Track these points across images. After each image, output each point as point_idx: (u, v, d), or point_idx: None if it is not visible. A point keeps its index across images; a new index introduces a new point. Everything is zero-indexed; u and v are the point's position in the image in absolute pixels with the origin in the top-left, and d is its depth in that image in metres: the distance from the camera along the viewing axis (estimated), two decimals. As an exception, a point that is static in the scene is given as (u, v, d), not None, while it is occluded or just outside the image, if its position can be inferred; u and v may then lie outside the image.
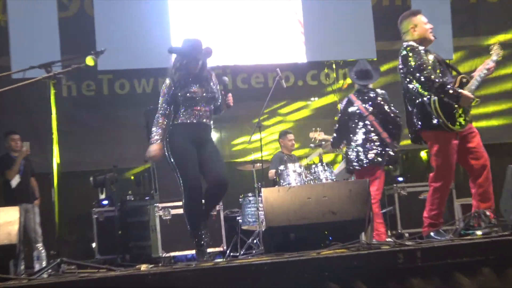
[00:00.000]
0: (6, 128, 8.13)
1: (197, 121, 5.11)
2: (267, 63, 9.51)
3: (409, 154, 10.40)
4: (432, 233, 4.98)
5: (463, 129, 4.98)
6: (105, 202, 8.39)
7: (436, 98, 4.92)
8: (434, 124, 4.94)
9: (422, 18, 5.22)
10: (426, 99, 4.97)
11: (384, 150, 6.10)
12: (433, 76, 4.91)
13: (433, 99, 4.93)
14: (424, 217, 5.09)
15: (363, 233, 4.96)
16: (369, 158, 6.06)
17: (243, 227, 7.53)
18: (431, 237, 4.94)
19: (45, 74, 4.40)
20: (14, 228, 4.89)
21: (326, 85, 10.09)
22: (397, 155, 6.30)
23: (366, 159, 6.07)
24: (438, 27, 5.29)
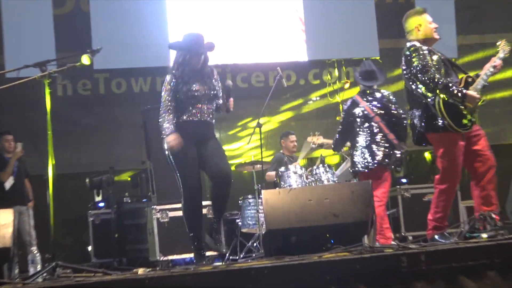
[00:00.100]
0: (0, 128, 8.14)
1: (199, 119, 5.09)
2: (268, 62, 9.51)
3: (413, 155, 10.39)
4: (437, 236, 4.99)
5: (469, 130, 4.98)
6: (101, 204, 8.38)
7: (441, 99, 4.92)
8: (439, 126, 4.95)
9: (427, 17, 5.22)
10: (431, 100, 4.97)
11: (392, 152, 6.09)
12: (437, 77, 4.91)
13: (438, 100, 4.93)
14: (429, 220, 5.10)
15: (366, 236, 4.97)
16: (377, 160, 6.03)
17: (243, 230, 7.52)
18: (436, 240, 4.95)
19: (40, 73, 4.42)
20: (8, 231, 4.90)
21: (329, 84, 10.06)
22: (403, 157, 6.29)
23: (374, 161, 6.04)
24: (442, 25, 5.30)
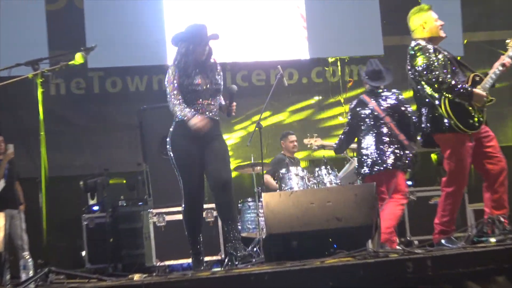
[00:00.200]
0: (-11, 130, 8.13)
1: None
2: (269, 60, 9.49)
3: (419, 156, 10.37)
4: (443, 241, 4.99)
5: (477, 131, 4.97)
6: (96, 208, 8.37)
7: (447, 99, 4.92)
8: (446, 127, 4.94)
9: (433, 15, 5.20)
10: (437, 101, 4.97)
11: (403, 153, 6.05)
12: (442, 76, 4.90)
13: (444, 100, 4.93)
14: (435, 224, 5.09)
15: (370, 241, 4.96)
16: (388, 162, 5.97)
17: (242, 234, 7.51)
18: (442, 245, 4.95)
19: (32, 72, 4.41)
20: (-1, 236, 4.91)
21: (332, 83, 10.05)
22: (416, 158, 6.24)
23: (385, 163, 5.97)
24: (447, 22, 5.28)
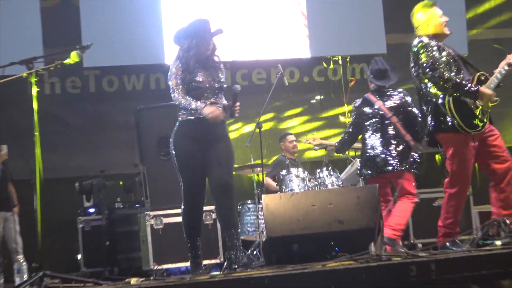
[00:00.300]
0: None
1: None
2: (269, 58, 9.49)
3: (423, 157, 10.37)
4: (448, 244, 5.00)
5: (481, 132, 4.98)
6: (92, 210, 8.37)
7: (451, 98, 4.93)
8: (449, 126, 4.95)
9: (437, 11, 5.21)
10: (441, 99, 4.97)
11: (409, 154, 6.04)
12: (446, 74, 4.91)
13: (448, 99, 4.94)
14: (439, 226, 5.10)
15: (373, 244, 4.97)
16: (395, 163, 5.97)
17: (242, 237, 7.53)
18: (447, 248, 4.96)
19: (27, 71, 4.41)
20: (-7, 239, 4.91)
21: (334, 82, 10.05)
22: (423, 158, 6.22)
23: (392, 164, 5.97)
24: (451, 19, 5.28)
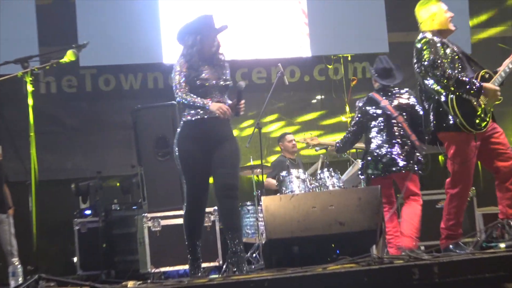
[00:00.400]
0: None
1: (209, 116, 4.91)
2: (269, 57, 9.48)
3: (427, 158, 10.35)
4: (451, 246, 5.00)
5: (483, 131, 4.99)
6: (88, 212, 8.37)
7: (454, 96, 4.93)
8: (451, 125, 4.94)
9: (442, 6, 5.21)
10: (443, 97, 4.98)
11: (414, 154, 6.03)
12: (449, 72, 4.91)
13: (450, 97, 4.93)
14: (442, 228, 5.10)
15: (374, 246, 4.99)
16: (401, 164, 5.96)
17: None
18: (450, 250, 4.95)
19: (22, 70, 4.42)
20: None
21: (335, 81, 10.05)
22: (427, 159, 6.20)
23: (397, 165, 5.96)
24: (455, 17, 5.29)
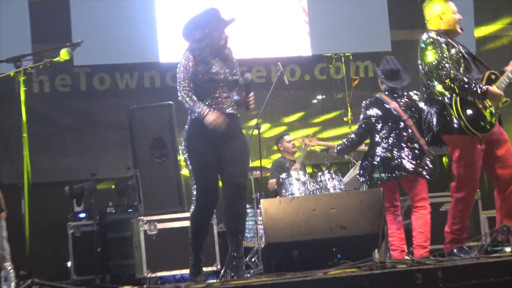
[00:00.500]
0: (-33, 131, 8.13)
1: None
2: (269, 56, 9.47)
3: (435, 163, 10.34)
4: (455, 250, 5.00)
5: (488, 134, 4.98)
6: (82, 215, 8.35)
7: (458, 98, 4.92)
8: (455, 127, 4.94)
9: (452, 6, 5.21)
10: (447, 99, 4.98)
11: (423, 158, 6.01)
12: (453, 73, 4.91)
13: (455, 99, 4.93)
14: (446, 232, 5.11)
15: (376, 250, 4.98)
16: (409, 168, 5.94)
17: (240, 243, 7.52)
18: (454, 255, 4.96)
19: (14, 69, 4.42)
20: (-21, 245, 4.91)
21: (336, 80, 10.03)
22: (435, 164, 6.15)
23: (406, 169, 5.95)
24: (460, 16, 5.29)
